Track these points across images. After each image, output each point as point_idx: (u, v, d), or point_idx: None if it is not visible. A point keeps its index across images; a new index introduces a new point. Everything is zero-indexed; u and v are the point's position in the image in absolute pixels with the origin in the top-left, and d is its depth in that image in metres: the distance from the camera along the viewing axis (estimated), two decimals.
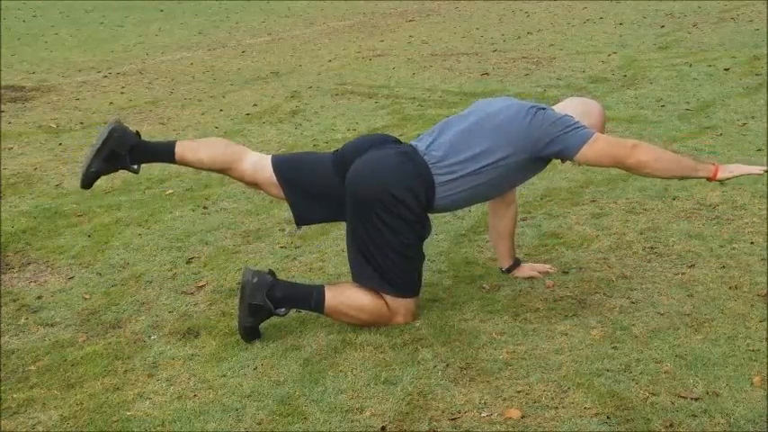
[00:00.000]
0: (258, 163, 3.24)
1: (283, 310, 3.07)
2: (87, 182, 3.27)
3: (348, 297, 3.10)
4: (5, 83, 8.48)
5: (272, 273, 3.11)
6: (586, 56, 8.46)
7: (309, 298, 3.10)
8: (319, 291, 3.11)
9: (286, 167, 3.24)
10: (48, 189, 5.08)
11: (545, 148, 3.07)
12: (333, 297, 3.09)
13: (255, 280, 3.04)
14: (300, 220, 3.30)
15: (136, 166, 3.26)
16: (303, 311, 3.22)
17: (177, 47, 10.74)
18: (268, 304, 3.03)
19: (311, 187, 3.19)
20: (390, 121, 6.37)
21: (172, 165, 3.38)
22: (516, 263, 3.54)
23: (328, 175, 3.17)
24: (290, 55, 9.74)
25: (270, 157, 3.29)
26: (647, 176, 3.19)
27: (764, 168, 3.05)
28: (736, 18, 10.20)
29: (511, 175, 3.15)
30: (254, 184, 3.29)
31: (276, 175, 3.21)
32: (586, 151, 3.03)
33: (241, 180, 3.31)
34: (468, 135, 3.12)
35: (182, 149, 3.25)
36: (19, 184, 5.19)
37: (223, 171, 3.28)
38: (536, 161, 3.14)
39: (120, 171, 3.29)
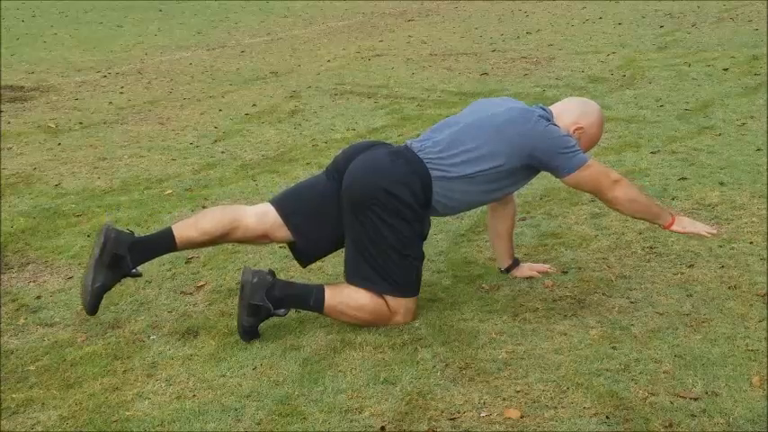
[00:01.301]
0: (259, 211, 3.24)
1: (283, 310, 3.07)
2: (94, 302, 3.13)
3: (348, 296, 3.10)
4: (5, 83, 8.48)
5: (271, 272, 3.11)
6: (585, 56, 8.46)
7: (309, 297, 3.10)
8: (319, 290, 3.11)
9: (285, 201, 3.26)
10: (47, 189, 5.07)
11: (539, 161, 3.11)
12: (332, 297, 3.09)
13: (255, 279, 3.04)
14: (306, 257, 3.30)
15: (136, 270, 3.18)
16: (302, 311, 3.22)
17: (176, 47, 10.73)
18: (267, 304, 3.03)
19: (314, 209, 3.20)
20: (389, 120, 6.37)
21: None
22: (515, 263, 3.54)
23: (328, 192, 3.18)
24: (290, 55, 9.73)
25: (267, 202, 3.30)
26: (614, 210, 3.30)
27: (714, 231, 3.21)
28: (735, 18, 10.20)
29: (505, 181, 3.17)
30: (263, 236, 3.24)
31: (278, 210, 3.21)
32: (577, 175, 3.10)
33: (248, 237, 3.24)
34: (466, 135, 3.13)
35: (180, 230, 3.20)
36: (18, 184, 5.18)
37: (228, 234, 3.21)
38: (528, 168, 3.17)
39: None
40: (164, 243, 3.22)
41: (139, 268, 3.22)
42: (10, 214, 4.63)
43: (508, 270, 3.54)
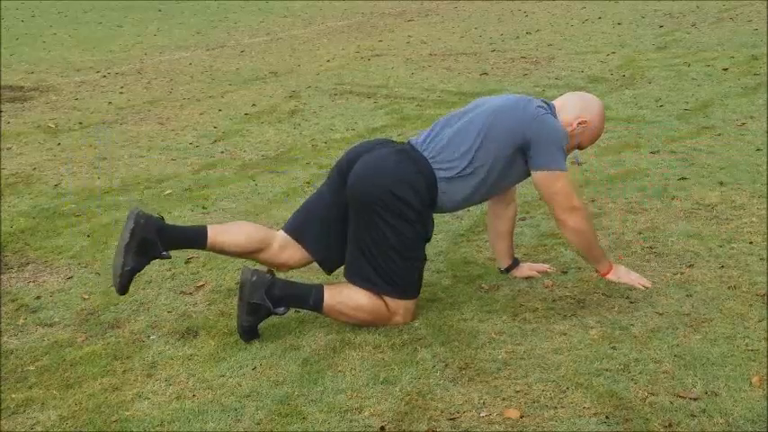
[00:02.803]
0: (281, 240, 3.27)
1: (282, 309, 3.07)
2: (124, 283, 3.12)
3: (347, 296, 3.09)
4: (4, 83, 8.48)
5: (271, 272, 3.11)
6: (585, 56, 8.46)
7: (308, 297, 3.10)
8: (318, 290, 3.11)
9: (295, 223, 3.29)
10: (46, 189, 5.07)
11: (525, 145, 3.07)
12: (332, 296, 3.09)
13: (254, 278, 3.04)
14: (328, 267, 3.33)
15: (166, 252, 3.16)
16: (302, 311, 3.22)
17: (176, 47, 10.74)
18: (267, 303, 3.03)
19: (324, 224, 3.22)
20: (389, 120, 6.37)
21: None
22: (515, 262, 3.54)
23: (333, 203, 3.19)
24: (289, 55, 9.73)
25: (281, 230, 3.32)
26: (562, 233, 3.25)
27: (648, 284, 3.18)
28: (734, 18, 10.20)
29: (509, 170, 3.15)
30: (284, 264, 3.28)
31: (291, 235, 3.25)
32: (545, 176, 3.06)
33: (271, 261, 3.27)
34: (465, 131, 3.12)
35: (215, 233, 3.21)
36: (18, 184, 5.18)
37: (256, 252, 3.25)
38: (525, 155, 3.14)
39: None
40: (197, 240, 3.23)
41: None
42: (10, 214, 4.63)
43: (508, 270, 3.53)
